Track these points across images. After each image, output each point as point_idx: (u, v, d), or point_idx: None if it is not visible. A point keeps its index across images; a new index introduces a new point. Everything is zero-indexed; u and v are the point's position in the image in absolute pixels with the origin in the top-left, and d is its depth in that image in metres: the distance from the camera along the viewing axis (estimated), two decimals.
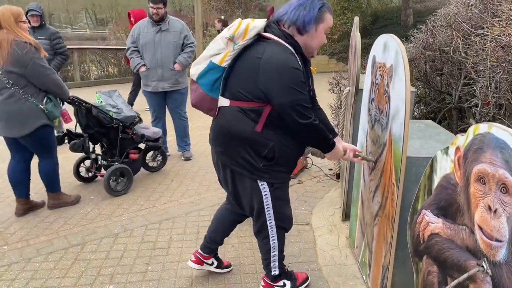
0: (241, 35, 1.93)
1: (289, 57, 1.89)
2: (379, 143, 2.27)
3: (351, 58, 3.28)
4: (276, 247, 2.27)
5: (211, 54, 2.00)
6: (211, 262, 2.58)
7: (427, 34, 3.66)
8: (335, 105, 4.50)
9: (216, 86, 2.03)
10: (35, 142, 3.35)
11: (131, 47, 4.62)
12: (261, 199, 2.12)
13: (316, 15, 1.93)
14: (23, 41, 3.10)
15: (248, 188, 2.11)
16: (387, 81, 2.15)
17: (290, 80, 1.85)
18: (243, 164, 2.03)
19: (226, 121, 2.02)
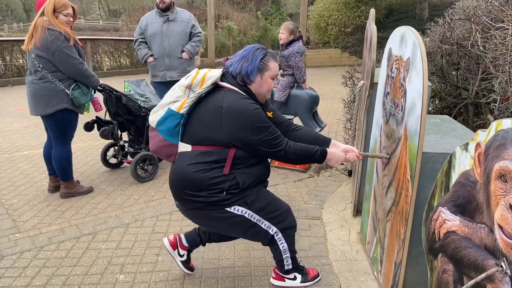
0: (199, 83, 2.05)
1: (247, 102, 2.00)
2: (393, 138, 2.23)
3: (366, 51, 3.23)
4: (286, 250, 2.28)
5: (169, 101, 2.10)
6: (183, 254, 2.50)
7: (445, 27, 3.58)
8: (348, 99, 4.45)
9: (175, 132, 2.12)
10: (54, 124, 3.44)
11: (139, 39, 4.68)
12: (247, 220, 2.12)
13: (258, 65, 2.05)
14: (55, 29, 3.25)
15: (226, 221, 2.11)
16: (403, 75, 2.10)
17: (254, 121, 1.96)
18: (208, 202, 2.05)
19: (186, 166, 2.05)
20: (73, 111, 3.47)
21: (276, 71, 2.12)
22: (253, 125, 1.96)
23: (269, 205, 2.18)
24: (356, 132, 3.50)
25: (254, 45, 2.11)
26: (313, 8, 16.97)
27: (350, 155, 2.21)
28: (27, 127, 6.14)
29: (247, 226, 2.13)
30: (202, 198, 2.05)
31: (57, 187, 3.74)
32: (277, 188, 3.88)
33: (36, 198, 3.68)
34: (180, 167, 2.09)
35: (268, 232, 2.18)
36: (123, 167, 4.44)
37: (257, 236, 2.20)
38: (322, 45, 16.42)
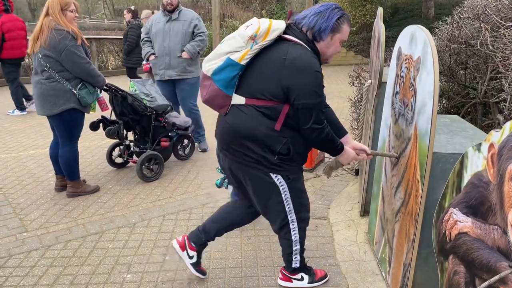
0: (263, 35, 1.92)
1: (314, 60, 1.92)
2: (403, 138, 2.21)
3: (374, 50, 3.21)
4: (298, 241, 2.25)
5: (227, 51, 1.96)
6: (192, 255, 2.44)
7: (453, 26, 3.55)
8: (355, 98, 4.43)
9: (232, 83, 2.00)
10: (61, 123, 3.44)
11: (144, 38, 4.78)
12: (279, 193, 2.09)
13: (333, 24, 1.96)
14: (63, 28, 3.25)
15: (263, 184, 2.08)
16: (413, 74, 2.08)
17: (314, 83, 1.89)
18: (257, 159, 2.01)
19: (239, 119, 1.99)
20: (79, 111, 3.47)
21: (346, 36, 2.04)
22: (312, 87, 1.89)
23: (303, 192, 2.19)
24: (363, 131, 3.48)
25: (332, 3, 2.02)
26: None
27: (361, 156, 2.20)
28: (33, 126, 6.17)
29: (275, 201, 2.12)
30: (253, 154, 2.00)
31: (64, 186, 3.75)
32: None
33: (43, 197, 3.69)
34: (233, 120, 2.01)
35: (287, 216, 2.17)
36: (129, 166, 4.44)
37: (275, 215, 2.19)
38: None
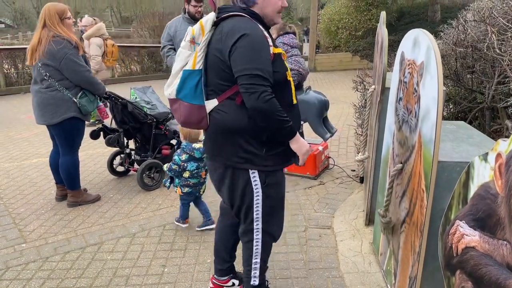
0: (200, 32, 1.86)
1: (248, 24, 1.80)
2: (407, 146, 2.13)
3: (377, 55, 3.14)
4: (258, 254, 2.10)
5: (180, 66, 1.92)
6: (231, 284, 2.39)
7: (459, 29, 3.46)
8: (359, 104, 4.35)
9: (198, 92, 1.91)
10: (62, 132, 3.41)
11: (167, 45, 4.53)
12: (252, 197, 1.98)
13: None
14: (62, 37, 3.23)
15: (241, 185, 1.97)
16: (417, 80, 2.01)
17: (251, 41, 1.76)
18: (246, 158, 1.91)
19: (222, 118, 1.90)
20: (80, 119, 3.44)
21: None
22: (247, 45, 1.75)
23: (277, 203, 2.07)
24: (367, 138, 3.40)
25: None
26: (323, 12, 16.90)
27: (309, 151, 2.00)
28: (37, 135, 6.16)
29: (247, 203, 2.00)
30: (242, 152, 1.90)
31: (65, 195, 3.71)
32: (286, 195, 3.77)
33: (44, 207, 3.65)
34: (216, 122, 1.92)
35: (253, 223, 2.03)
36: (131, 174, 4.39)
37: (243, 217, 2.07)
38: (332, 49, 16.32)
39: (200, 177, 3.12)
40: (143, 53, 13.72)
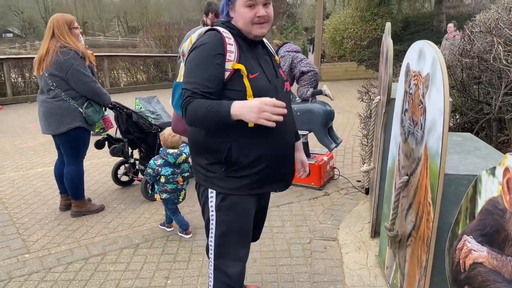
0: (188, 46, 1.82)
1: (205, 38, 1.72)
2: (413, 158, 2.11)
3: (382, 66, 3.13)
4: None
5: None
6: None
7: (464, 40, 3.45)
8: (365, 114, 4.33)
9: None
10: (67, 142, 3.42)
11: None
12: (208, 217, 1.85)
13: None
14: (69, 47, 3.25)
15: (202, 201, 1.90)
16: (422, 91, 1.99)
17: (191, 58, 1.71)
18: (204, 175, 1.82)
19: (190, 131, 1.88)
20: (85, 129, 3.45)
21: None
22: (190, 58, 1.71)
23: (233, 233, 1.84)
24: (373, 148, 3.38)
25: None
26: (328, 22, 16.96)
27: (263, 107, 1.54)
28: (43, 144, 6.19)
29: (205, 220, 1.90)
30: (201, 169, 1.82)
31: (69, 205, 3.70)
32: (291, 206, 3.76)
33: (48, 216, 3.64)
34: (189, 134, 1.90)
35: (209, 251, 1.90)
36: (135, 184, 4.39)
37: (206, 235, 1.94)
38: (337, 59, 16.35)
39: (177, 183, 3.18)
40: (149, 63, 13.82)
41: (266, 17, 1.72)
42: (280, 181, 1.88)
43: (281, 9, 27.10)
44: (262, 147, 1.75)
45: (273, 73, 1.83)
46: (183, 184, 3.21)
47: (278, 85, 1.82)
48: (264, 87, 1.72)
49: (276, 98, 1.59)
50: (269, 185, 1.85)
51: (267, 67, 1.81)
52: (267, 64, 1.82)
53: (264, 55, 1.85)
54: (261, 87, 1.71)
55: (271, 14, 1.75)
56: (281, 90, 1.83)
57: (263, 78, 1.75)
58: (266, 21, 1.73)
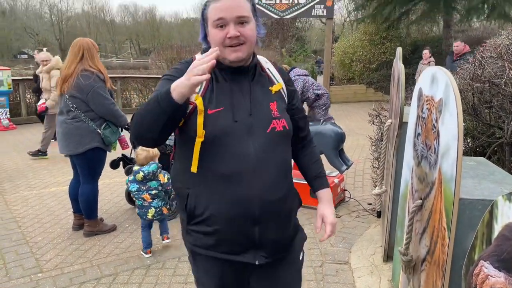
0: None
1: (178, 65, 1.56)
2: (426, 182, 2.11)
3: (394, 90, 3.16)
4: None
5: None
6: None
7: (475, 65, 3.48)
8: (376, 137, 4.35)
9: None
10: (85, 162, 3.48)
11: None
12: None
13: (201, 21, 1.51)
14: (91, 71, 3.35)
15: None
16: (435, 116, 2.01)
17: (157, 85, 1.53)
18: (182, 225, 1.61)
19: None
20: (102, 149, 3.51)
21: (215, 14, 1.41)
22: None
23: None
24: (384, 171, 3.38)
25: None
26: (337, 45, 17.17)
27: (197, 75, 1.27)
28: (56, 163, 6.27)
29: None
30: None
31: (81, 225, 3.74)
32: None
33: (60, 236, 3.67)
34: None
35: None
36: None
37: None
38: (346, 81, 16.46)
39: (143, 200, 3.24)
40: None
41: (240, 38, 1.41)
42: (250, 249, 1.48)
43: (290, 33, 27.56)
44: (216, 200, 1.43)
45: (249, 109, 1.46)
46: (152, 201, 3.26)
47: (256, 123, 1.45)
48: (222, 126, 1.41)
49: (245, 139, 1.41)
50: (236, 253, 1.48)
51: (242, 102, 1.47)
52: (243, 98, 1.47)
53: (255, 86, 1.52)
54: (219, 125, 1.40)
55: (248, 34, 1.43)
56: (258, 131, 1.45)
57: (225, 115, 1.42)
58: (241, 42, 1.42)
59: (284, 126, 1.52)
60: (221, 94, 1.46)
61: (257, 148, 1.44)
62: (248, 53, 1.47)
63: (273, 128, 1.49)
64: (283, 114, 1.54)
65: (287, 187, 1.55)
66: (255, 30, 1.50)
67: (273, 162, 1.48)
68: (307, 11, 12.07)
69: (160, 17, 59.07)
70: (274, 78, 1.61)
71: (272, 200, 1.46)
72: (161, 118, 1.32)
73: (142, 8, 59.44)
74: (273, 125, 1.49)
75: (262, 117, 1.48)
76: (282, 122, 1.52)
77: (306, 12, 12.11)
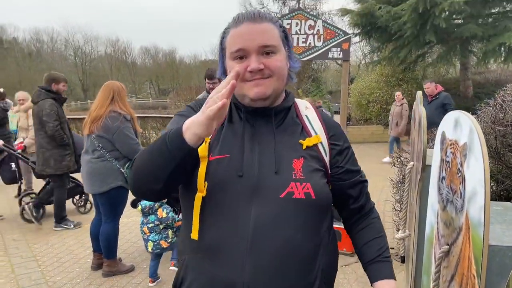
0: None
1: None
2: (453, 227, 2.07)
3: (415, 133, 3.17)
4: None
5: None
6: None
7: (496, 108, 3.48)
8: (397, 179, 4.30)
9: None
10: (107, 200, 3.54)
11: None
12: None
13: (220, 53, 1.23)
14: (118, 112, 3.47)
15: None
16: (460, 160, 2.00)
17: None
18: None
19: None
20: (125, 188, 3.57)
21: (235, 40, 1.15)
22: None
23: None
24: (407, 214, 3.32)
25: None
26: (353, 86, 17.36)
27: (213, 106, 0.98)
28: None
29: None
30: None
31: (100, 264, 3.73)
32: None
33: (79, 275, 3.67)
34: None
35: None
36: None
37: None
38: (363, 122, 16.49)
39: (143, 233, 3.34)
40: None
41: (264, 72, 1.14)
42: None
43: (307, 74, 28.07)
44: (201, 279, 1.14)
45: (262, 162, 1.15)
46: (149, 235, 3.33)
47: (266, 183, 1.12)
48: (221, 178, 1.11)
49: (246, 202, 1.09)
50: None
51: (255, 151, 1.16)
52: (258, 147, 1.17)
53: (280, 134, 1.20)
54: (218, 177, 1.11)
55: (276, 66, 1.15)
56: (267, 194, 1.11)
57: (229, 164, 1.13)
58: (267, 76, 1.14)
59: (309, 193, 1.13)
60: (230, 137, 1.18)
61: (260, 217, 1.09)
62: (274, 89, 1.16)
63: (290, 193, 1.12)
64: (310, 177, 1.16)
65: (304, 284, 1.13)
66: (285, 62, 1.20)
67: (279, 241, 1.09)
68: (324, 54, 12.38)
69: (180, 58, 61.00)
70: (311, 129, 1.25)
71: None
72: (168, 164, 1.02)
73: (163, 50, 61.52)
74: (290, 189, 1.12)
75: (277, 176, 1.13)
76: (306, 187, 1.13)
77: (323, 54, 12.42)
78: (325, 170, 1.24)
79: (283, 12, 25.23)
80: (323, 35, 12.01)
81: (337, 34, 11.99)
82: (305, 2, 29.00)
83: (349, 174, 1.32)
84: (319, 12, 27.60)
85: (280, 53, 1.18)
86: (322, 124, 1.29)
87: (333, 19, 25.34)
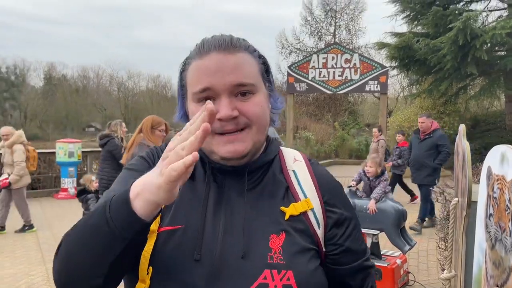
0: None
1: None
2: (503, 267, 1.96)
3: (459, 168, 3.07)
4: None
5: None
6: None
7: None
8: (440, 216, 4.14)
9: None
10: None
11: None
12: None
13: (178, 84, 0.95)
14: (147, 144, 3.66)
15: None
16: (508, 196, 1.92)
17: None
18: None
19: None
20: None
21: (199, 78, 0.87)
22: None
23: None
24: (453, 253, 3.18)
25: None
26: (392, 119, 17.12)
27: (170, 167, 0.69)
28: None
29: None
30: None
31: None
32: None
33: None
34: None
35: None
36: None
37: None
38: None
39: None
40: None
41: (239, 120, 0.86)
42: None
43: (343, 107, 27.97)
44: None
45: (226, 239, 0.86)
46: None
47: (230, 270, 0.82)
48: (173, 258, 0.83)
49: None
50: None
51: (218, 223, 0.87)
52: (224, 216, 0.88)
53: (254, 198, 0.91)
54: (168, 257, 0.83)
55: (253, 112, 0.88)
56: (233, 285, 0.81)
57: (184, 239, 0.84)
58: (242, 126, 0.87)
59: (289, 286, 0.82)
60: (188, 201, 0.88)
61: None
62: (254, 143, 0.89)
63: (262, 285, 0.81)
64: (293, 261, 0.84)
65: None
66: (266, 105, 0.92)
67: None
68: (361, 87, 12.30)
69: None
70: (299, 190, 0.94)
71: None
72: (110, 249, 0.71)
73: None
74: (263, 279, 0.81)
75: (246, 259, 0.83)
76: (287, 277, 0.82)
77: (360, 87, 12.34)
78: (318, 249, 0.91)
79: (319, 47, 25.55)
80: (359, 68, 11.99)
81: (374, 68, 11.95)
82: (341, 36, 29.30)
83: (349, 256, 0.96)
84: (355, 46, 27.73)
85: (259, 94, 0.90)
86: (314, 183, 0.96)
87: (369, 53, 25.36)
